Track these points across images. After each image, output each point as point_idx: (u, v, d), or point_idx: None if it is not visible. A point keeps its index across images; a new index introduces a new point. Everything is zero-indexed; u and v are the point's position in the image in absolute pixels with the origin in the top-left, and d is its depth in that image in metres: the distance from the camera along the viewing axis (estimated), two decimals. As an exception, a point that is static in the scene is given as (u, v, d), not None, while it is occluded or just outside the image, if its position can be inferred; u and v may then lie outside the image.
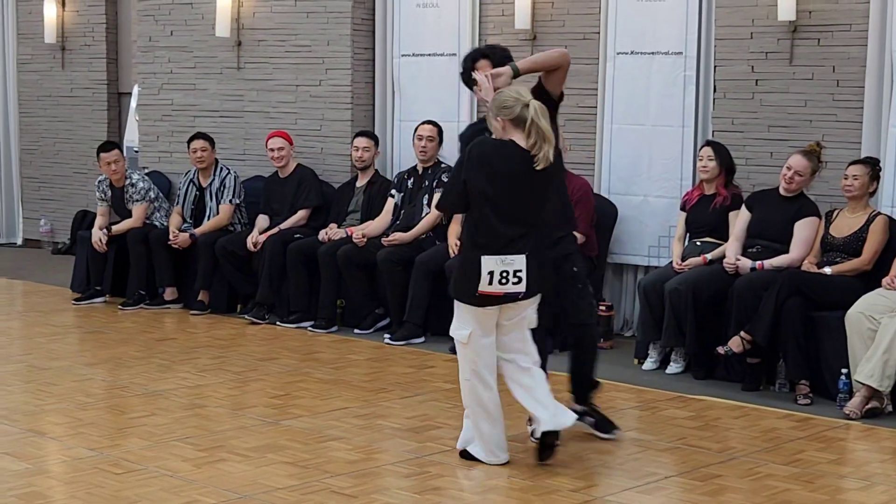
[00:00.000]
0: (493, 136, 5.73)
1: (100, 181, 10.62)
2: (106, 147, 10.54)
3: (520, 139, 5.59)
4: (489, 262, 5.55)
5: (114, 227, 10.33)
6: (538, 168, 5.55)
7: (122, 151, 10.64)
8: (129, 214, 10.40)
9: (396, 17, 10.27)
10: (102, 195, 10.54)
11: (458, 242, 8.92)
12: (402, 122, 10.25)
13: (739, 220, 8.01)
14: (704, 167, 8.24)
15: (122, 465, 5.72)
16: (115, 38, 13.09)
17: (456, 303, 5.75)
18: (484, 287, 5.57)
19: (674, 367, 7.97)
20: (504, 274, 5.55)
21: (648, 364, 8.11)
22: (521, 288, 5.60)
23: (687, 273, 7.94)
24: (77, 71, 13.26)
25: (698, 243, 8.20)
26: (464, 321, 5.73)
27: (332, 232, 9.55)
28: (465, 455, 5.87)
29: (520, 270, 5.57)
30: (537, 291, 5.72)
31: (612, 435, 6.29)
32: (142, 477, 5.55)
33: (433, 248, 9.08)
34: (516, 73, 6.01)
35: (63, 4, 13.23)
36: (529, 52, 9.48)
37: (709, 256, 8.03)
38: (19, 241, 14.14)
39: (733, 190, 8.23)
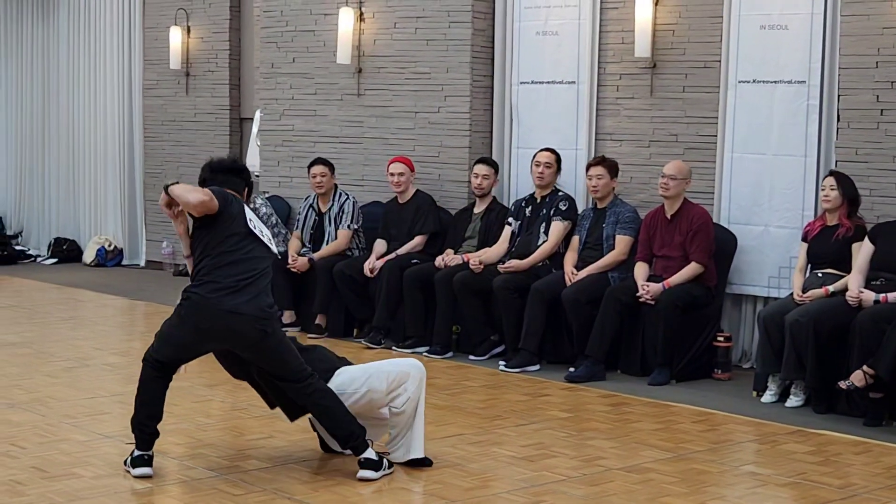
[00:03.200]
0: None
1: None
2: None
3: None
4: None
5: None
6: None
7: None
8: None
9: (516, 44, 10.29)
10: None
11: (575, 271, 8.94)
12: (520, 150, 10.26)
13: (863, 251, 7.86)
14: (827, 197, 8.10)
15: (240, 486, 5.79)
16: (238, 64, 13.35)
17: None
18: None
19: (794, 401, 7.84)
20: None
21: (767, 397, 7.98)
22: None
23: (808, 305, 7.81)
24: (201, 96, 13.54)
25: (820, 275, 8.06)
26: None
27: (448, 258, 9.58)
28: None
29: None
30: None
31: None
32: (260, 499, 5.61)
33: (549, 276, 9.07)
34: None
35: (188, 31, 13.52)
36: (649, 81, 9.50)
37: (831, 288, 7.89)
38: (142, 263, 14.44)
39: (856, 221, 8.08)
